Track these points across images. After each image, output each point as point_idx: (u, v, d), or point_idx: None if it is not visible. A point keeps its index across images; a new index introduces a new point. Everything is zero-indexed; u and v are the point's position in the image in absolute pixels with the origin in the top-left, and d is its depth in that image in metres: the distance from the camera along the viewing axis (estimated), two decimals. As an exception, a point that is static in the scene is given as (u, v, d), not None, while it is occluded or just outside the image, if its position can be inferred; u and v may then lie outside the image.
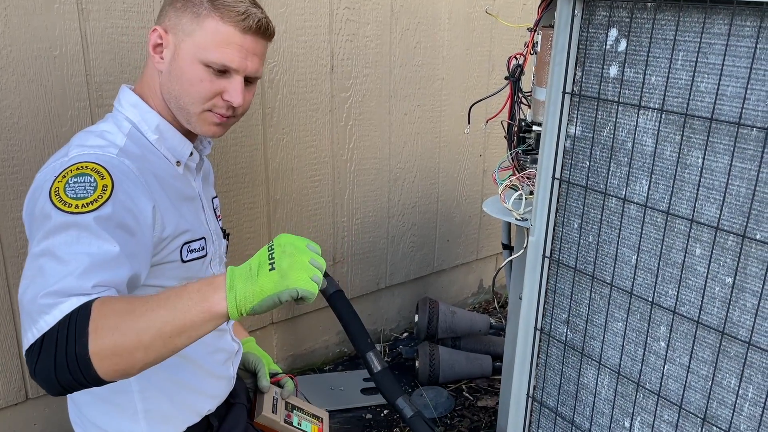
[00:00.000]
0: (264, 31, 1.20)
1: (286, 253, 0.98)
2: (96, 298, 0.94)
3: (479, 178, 2.83)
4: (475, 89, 2.66)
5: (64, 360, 0.90)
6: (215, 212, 1.43)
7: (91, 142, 1.14)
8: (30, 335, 0.94)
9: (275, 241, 1.01)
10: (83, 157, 1.08)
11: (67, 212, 1.00)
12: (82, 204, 1.01)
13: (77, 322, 0.91)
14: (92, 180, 1.03)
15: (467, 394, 2.39)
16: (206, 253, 1.29)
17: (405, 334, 2.79)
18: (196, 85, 1.17)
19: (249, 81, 1.23)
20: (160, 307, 0.93)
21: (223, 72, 1.18)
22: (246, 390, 1.52)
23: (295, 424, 1.53)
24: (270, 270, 0.96)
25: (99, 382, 0.93)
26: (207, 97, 1.19)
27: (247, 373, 1.56)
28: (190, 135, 1.28)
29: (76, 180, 1.03)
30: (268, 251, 0.99)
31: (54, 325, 0.92)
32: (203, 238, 1.27)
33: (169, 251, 1.18)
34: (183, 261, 1.22)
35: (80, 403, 1.25)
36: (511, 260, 1.69)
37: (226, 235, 1.47)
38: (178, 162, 1.26)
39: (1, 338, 1.72)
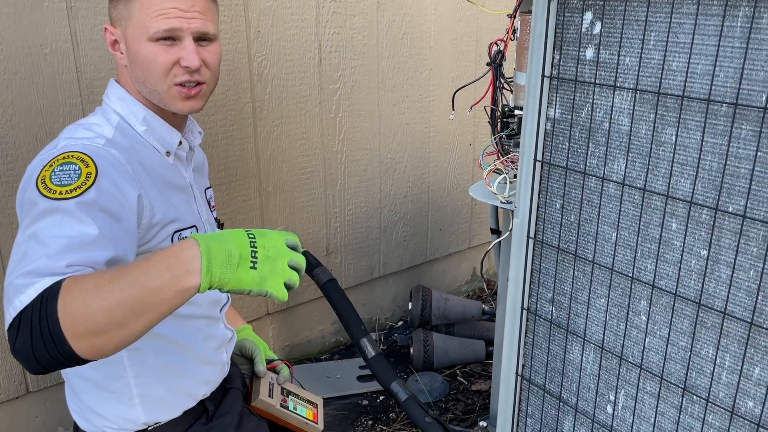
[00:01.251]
0: None
1: (269, 257, 0.99)
2: (68, 277, 0.95)
3: (469, 167, 2.87)
4: (463, 78, 2.69)
5: (40, 338, 0.91)
6: (209, 203, 1.45)
7: (79, 135, 1.17)
8: (8, 314, 0.95)
9: (258, 239, 1.00)
10: (70, 147, 1.11)
11: (52, 198, 1.03)
12: (66, 190, 1.04)
13: (48, 302, 0.91)
14: (77, 168, 1.07)
15: (461, 379, 2.43)
16: (198, 242, 1.32)
17: (400, 323, 2.83)
18: (152, 62, 1.19)
19: (204, 40, 1.23)
20: (128, 286, 0.92)
21: (173, 40, 1.19)
22: (242, 375, 1.55)
23: (290, 408, 1.57)
24: (251, 268, 0.97)
25: (78, 360, 0.93)
26: (166, 68, 1.19)
27: (243, 359, 1.59)
28: (176, 124, 1.30)
29: (61, 168, 1.06)
30: (251, 246, 0.99)
31: (28, 304, 0.93)
32: (194, 226, 1.30)
33: (160, 239, 1.21)
34: None
35: (77, 390, 1.28)
36: (499, 243, 1.72)
37: (220, 225, 1.50)
38: (168, 152, 1.29)
39: (1, 333, 1.75)
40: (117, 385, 1.24)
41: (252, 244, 0.99)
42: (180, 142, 1.30)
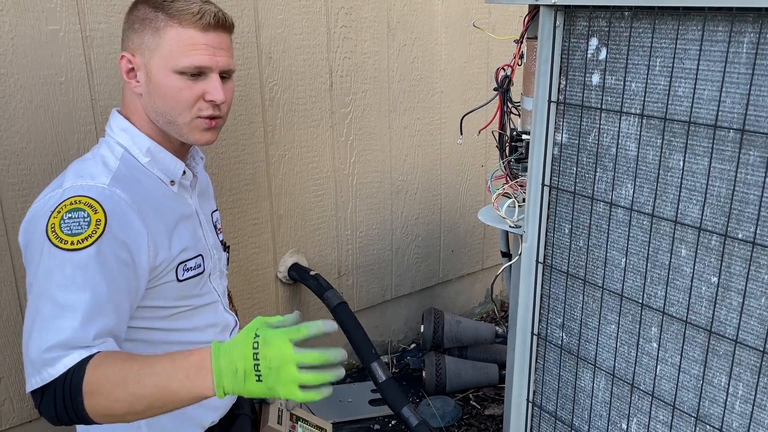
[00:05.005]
0: (223, 24, 1.23)
1: (272, 368, 0.96)
2: (95, 354, 1.02)
3: (482, 188, 2.86)
4: (474, 101, 2.69)
5: (63, 410, 1.02)
6: (215, 226, 1.46)
7: (85, 171, 1.19)
8: (33, 381, 1.04)
9: (261, 349, 0.97)
10: (76, 191, 1.13)
11: (63, 249, 1.07)
12: (77, 240, 1.07)
13: (72, 382, 1.01)
14: (86, 215, 1.09)
15: (474, 403, 2.40)
16: (203, 270, 1.32)
17: (413, 345, 2.81)
18: (177, 94, 1.21)
19: (224, 76, 1.27)
20: (151, 384, 0.99)
21: (198, 75, 1.22)
22: (250, 401, 1.55)
23: (299, 434, 1.56)
24: (257, 381, 0.97)
25: (98, 423, 1.04)
26: (191, 103, 1.22)
27: (251, 385, 1.58)
28: (180, 154, 1.32)
29: (70, 215, 1.09)
30: (254, 359, 0.97)
31: (57, 377, 1.01)
32: (200, 255, 1.31)
33: (165, 273, 1.22)
34: (179, 280, 1.26)
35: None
36: (510, 267, 1.71)
37: (226, 248, 1.51)
38: (172, 182, 1.30)
39: (15, 359, 1.77)
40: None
41: (255, 356, 0.97)
42: (184, 172, 1.31)
